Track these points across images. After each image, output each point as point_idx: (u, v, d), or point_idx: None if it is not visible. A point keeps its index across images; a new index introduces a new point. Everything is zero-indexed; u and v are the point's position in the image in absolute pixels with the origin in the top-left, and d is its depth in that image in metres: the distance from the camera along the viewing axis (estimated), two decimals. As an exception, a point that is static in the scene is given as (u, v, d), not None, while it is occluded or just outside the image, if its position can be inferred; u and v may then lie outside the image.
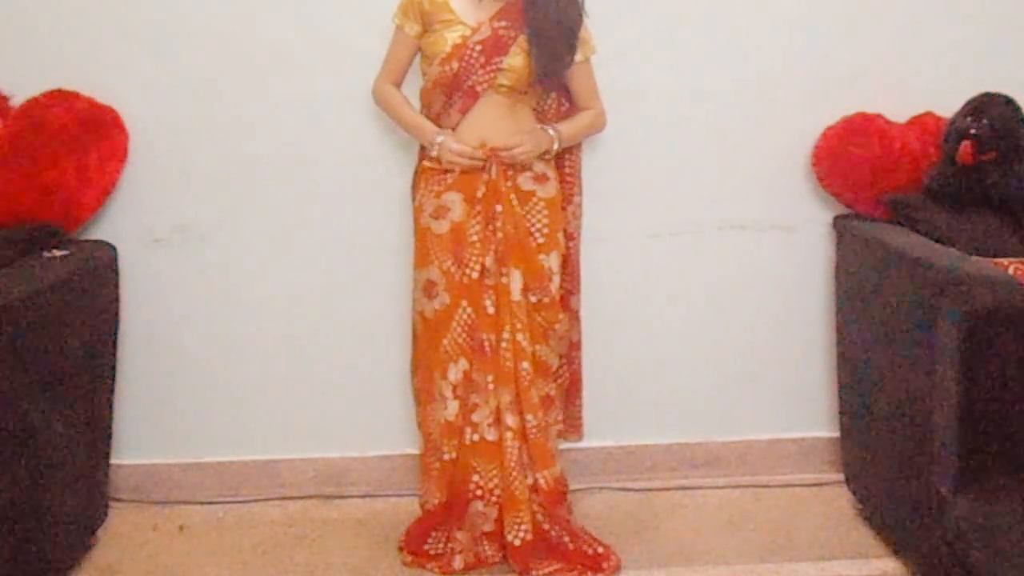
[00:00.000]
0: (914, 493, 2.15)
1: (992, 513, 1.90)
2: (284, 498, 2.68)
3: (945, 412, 1.98)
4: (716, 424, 2.78)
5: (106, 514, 2.52)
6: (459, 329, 2.26)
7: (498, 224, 2.24)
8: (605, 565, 2.29)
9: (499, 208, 2.24)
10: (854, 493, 2.57)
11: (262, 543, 2.48)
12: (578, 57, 2.27)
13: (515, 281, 2.25)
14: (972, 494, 1.95)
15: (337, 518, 2.60)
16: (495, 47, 2.20)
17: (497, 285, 2.25)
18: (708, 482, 2.74)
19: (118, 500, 2.63)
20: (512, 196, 2.25)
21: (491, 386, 2.26)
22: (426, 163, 2.30)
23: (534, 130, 2.29)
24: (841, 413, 2.63)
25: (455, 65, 2.20)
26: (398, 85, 2.34)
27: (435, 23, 2.22)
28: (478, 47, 2.19)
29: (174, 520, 2.58)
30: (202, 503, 2.66)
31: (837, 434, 2.67)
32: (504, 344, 2.25)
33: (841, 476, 2.64)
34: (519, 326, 2.25)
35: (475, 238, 2.24)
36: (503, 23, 2.20)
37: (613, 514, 2.57)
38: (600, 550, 2.31)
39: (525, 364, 2.26)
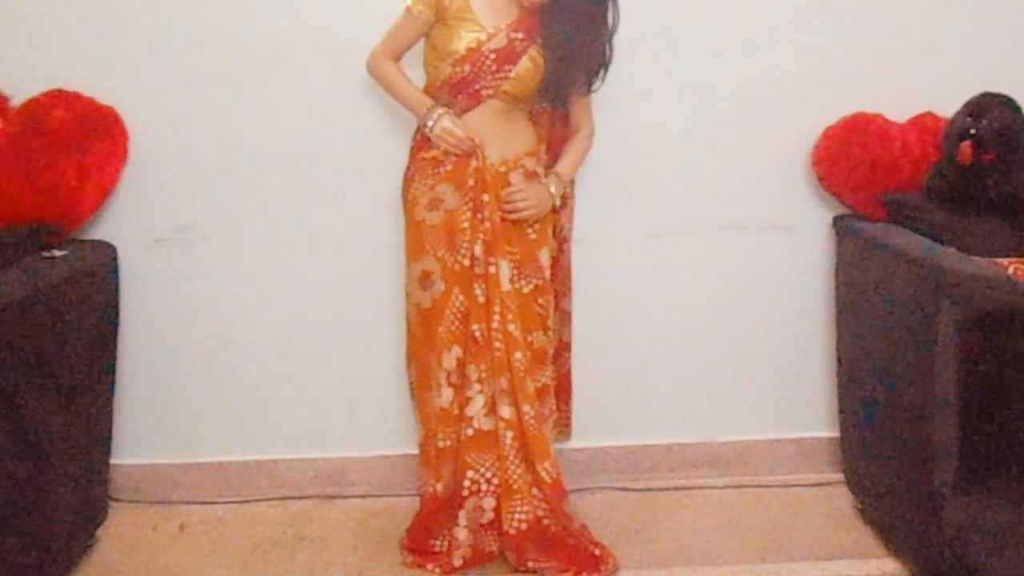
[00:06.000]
0: (914, 493, 2.15)
1: (992, 513, 1.90)
2: (284, 498, 2.68)
3: (945, 412, 1.98)
4: (716, 424, 2.78)
5: (106, 514, 2.53)
6: (452, 317, 2.27)
7: (485, 213, 2.25)
8: (603, 567, 2.29)
9: (486, 197, 2.25)
10: (854, 493, 2.58)
11: (262, 543, 2.48)
12: (594, 86, 2.29)
13: (503, 271, 2.26)
14: (972, 494, 1.95)
15: (337, 518, 2.60)
16: (508, 56, 2.20)
17: (486, 275, 2.26)
18: (708, 482, 2.74)
19: (118, 500, 2.63)
20: (500, 185, 2.27)
21: (484, 375, 2.27)
22: (423, 154, 2.30)
23: (538, 188, 2.29)
24: (841, 413, 2.63)
25: (467, 68, 2.21)
26: (396, 62, 2.33)
27: (450, 18, 2.21)
28: (492, 55, 2.20)
29: (174, 520, 2.58)
30: (202, 503, 2.66)
31: (837, 434, 2.67)
32: (495, 334, 2.26)
33: (841, 476, 2.64)
34: (510, 316, 2.26)
35: (466, 225, 2.26)
36: (519, 35, 2.20)
37: (613, 514, 2.57)
38: (598, 552, 2.32)
39: (518, 354, 2.26)
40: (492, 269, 2.26)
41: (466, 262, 2.26)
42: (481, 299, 2.27)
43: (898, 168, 2.51)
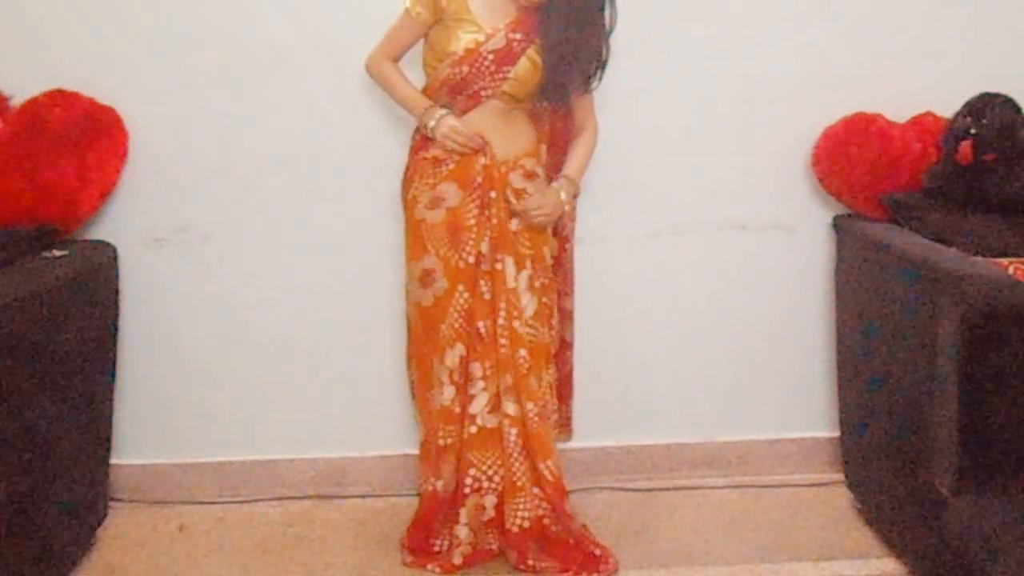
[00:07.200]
0: (914, 493, 2.15)
1: (992, 513, 1.90)
2: (284, 498, 2.68)
3: (945, 412, 1.98)
4: (716, 424, 2.78)
5: (106, 514, 2.52)
6: (455, 315, 2.27)
7: (492, 210, 2.25)
8: (603, 567, 2.29)
9: (493, 194, 2.25)
10: (854, 493, 2.58)
11: (262, 543, 2.48)
12: (592, 85, 2.29)
13: (509, 268, 2.26)
14: (972, 494, 1.95)
15: (337, 518, 2.60)
16: (506, 57, 2.20)
17: (492, 271, 2.27)
18: (708, 482, 2.74)
19: (118, 500, 2.63)
20: (503, 185, 2.27)
21: (489, 372, 2.27)
22: (423, 154, 2.30)
23: (551, 194, 2.29)
24: (841, 413, 2.63)
25: (465, 69, 2.20)
26: (395, 63, 2.33)
27: (449, 19, 2.21)
28: (490, 56, 2.20)
29: (174, 520, 2.58)
30: (202, 503, 2.66)
31: (837, 434, 2.67)
32: (500, 330, 2.26)
33: (841, 476, 2.64)
34: (515, 313, 2.27)
35: (472, 222, 2.26)
36: (518, 35, 2.20)
37: (613, 514, 2.57)
38: (598, 552, 2.32)
39: (522, 351, 2.27)
40: (499, 266, 2.26)
41: (471, 259, 2.26)
42: (487, 296, 2.27)
43: (898, 168, 2.51)
